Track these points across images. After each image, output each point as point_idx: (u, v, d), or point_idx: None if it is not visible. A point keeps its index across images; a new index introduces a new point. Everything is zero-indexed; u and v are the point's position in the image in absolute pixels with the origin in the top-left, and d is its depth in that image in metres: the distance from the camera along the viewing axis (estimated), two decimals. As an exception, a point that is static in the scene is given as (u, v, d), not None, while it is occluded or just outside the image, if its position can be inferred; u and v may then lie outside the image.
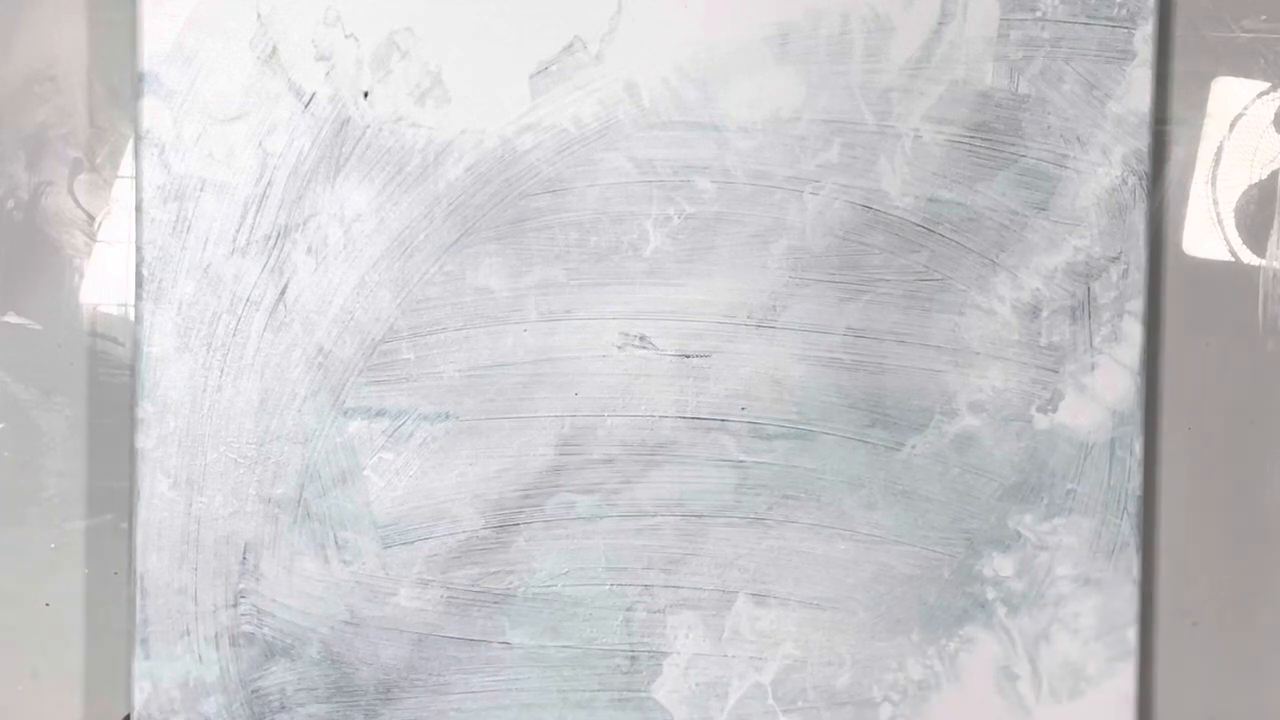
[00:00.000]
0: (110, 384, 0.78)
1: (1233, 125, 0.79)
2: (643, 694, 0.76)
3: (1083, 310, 0.76)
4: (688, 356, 0.76)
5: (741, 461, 0.76)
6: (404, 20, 0.75)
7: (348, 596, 0.76)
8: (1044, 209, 0.76)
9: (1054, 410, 0.76)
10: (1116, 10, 0.76)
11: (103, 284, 0.79)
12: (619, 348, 0.76)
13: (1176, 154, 0.79)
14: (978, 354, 0.77)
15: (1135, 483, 0.77)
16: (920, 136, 0.76)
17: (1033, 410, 0.76)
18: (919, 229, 0.76)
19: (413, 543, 0.76)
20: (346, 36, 0.75)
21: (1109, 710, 0.77)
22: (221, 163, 0.75)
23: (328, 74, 0.75)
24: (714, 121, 0.76)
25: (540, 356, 0.76)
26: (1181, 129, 0.79)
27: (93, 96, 0.78)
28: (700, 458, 0.76)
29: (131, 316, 0.76)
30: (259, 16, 0.75)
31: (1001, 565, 0.77)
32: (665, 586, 0.76)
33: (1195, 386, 0.79)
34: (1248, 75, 0.79)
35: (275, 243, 0.76)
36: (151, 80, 0.75)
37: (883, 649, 0.77)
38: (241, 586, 0.75)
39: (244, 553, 0.76)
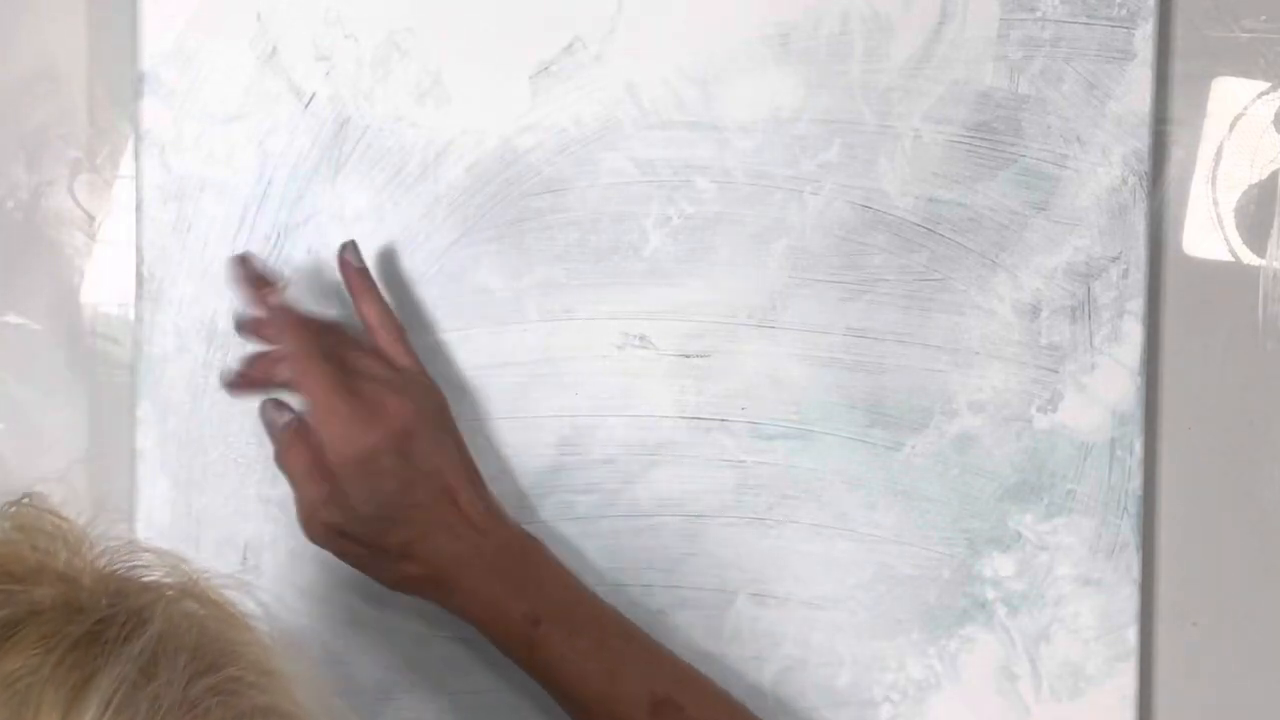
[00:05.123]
0: (110, 384, 0.78)
1: (1233, 125, 0.79)
2: (643, 694, 0.76)
3: (1083, 310, 0.76)
4: (688, 356, 0.76)
5: (741, 461, 0.76)
6: (404, 20, 0.75)
7: (348, 596, 0.76)
8: (1044, 209, 0.76)
9: (1054, 410, 0.76)
10: (1116, 10, 0.76)
11: (103, 284, 0.78)
12: (619, 348, 0.76)
13: (1176, 154, 0.79)
14: (978, 354, 0.76)
15: (1135, 483, 0.76)
16: (920, 136, 0.76)
17: (1033, 410, 0.76)
18: (919, 229, 0.76)
19: (413, 543, 0.75)
20: (346, 36, 0.75)
21: (1109, 710, 0.76)
22: (221, 163, 0.75)
23: (328, 74, 0.75)
24: (714, 121, 0.76)
25: (540, 356, 0.76)
26: (1181, 129, 0.79)
27: (93, 96, 0.78)
28: (700, 458, 0.76)
29: (131, 316, 0.76)
30: (259, 16, 0.75)
31: (1001, 565, 0.76)
32: (665, 586, 0.76)
33: (1195, 386, 0.79)
34: (1248, 75, 0.79)
35: (275, 243, 0.76)
36: (151, 80, 0.75)
37: (883, 649, 0.76)
38: (241, 586, 0.75)
39: (244, 552, 0.76)
